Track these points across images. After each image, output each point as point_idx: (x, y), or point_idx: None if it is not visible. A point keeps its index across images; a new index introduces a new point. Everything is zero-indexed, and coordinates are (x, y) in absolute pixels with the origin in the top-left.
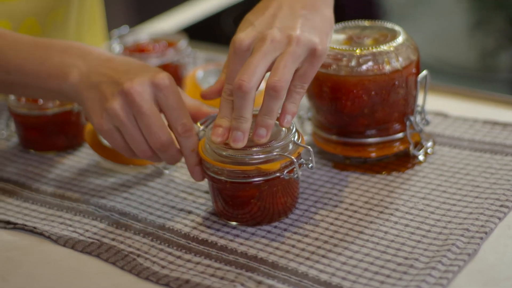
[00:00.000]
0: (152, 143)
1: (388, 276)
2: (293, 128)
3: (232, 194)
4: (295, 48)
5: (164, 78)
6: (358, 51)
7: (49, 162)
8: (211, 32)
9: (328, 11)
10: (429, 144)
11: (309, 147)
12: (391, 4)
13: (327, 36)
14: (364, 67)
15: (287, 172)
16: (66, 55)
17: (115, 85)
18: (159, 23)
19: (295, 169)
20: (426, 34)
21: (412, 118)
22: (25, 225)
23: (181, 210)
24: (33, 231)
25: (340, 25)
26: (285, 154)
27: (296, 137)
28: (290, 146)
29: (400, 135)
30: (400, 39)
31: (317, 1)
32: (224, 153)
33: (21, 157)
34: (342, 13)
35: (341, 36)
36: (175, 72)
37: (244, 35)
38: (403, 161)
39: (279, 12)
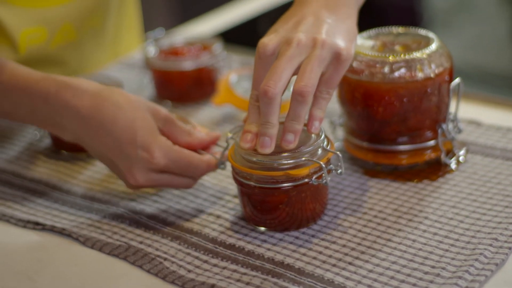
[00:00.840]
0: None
1: (414, 284)
2: (322, 134)
3: (261, 199)
4: (320, 52)
5: (159, 158)
6: (391, 57)
7: (80, 163)
8: (248, 36)
9: (352, 23)
10: (461, 152)
11: (338, 152)
12: (433, 10)
13: (351, 42)
14: (396, 74)
15: (315, 178)
16: (51, 110)
17: (120, 174)
18: (195, 27)
19: (323, 174)
20: (466, 41)
21: (444, 126)
22: (54, 227)
23: (210, 214)
24: (61, 233)
25: (374, 31)
26: (314, 159)
27: (325, 143)
28: (319, 152)
29: (432, 142)
30: (433, 46)
31: (341, 13)
32: (253, 159)
33: (53, 158)
34: (382, 19)
35: (375, 43)
36: (209, 75)
37: (268, 40)
38: (434, 169)
39: (303, 20)
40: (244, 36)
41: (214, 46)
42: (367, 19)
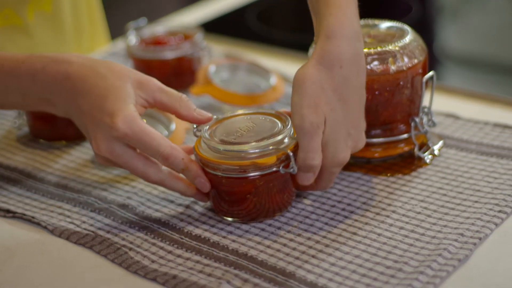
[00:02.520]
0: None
1: (375, 279)
2: (288, 123)
3: (228, 190)
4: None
5: (119, 124)
6: (364, 50)
7: (57, 152)
8: (230, 27)
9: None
10: (437, 146)
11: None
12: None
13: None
14: (369, 66)
15: (283, 167)
16: (40, 87)
17: (90, 143)
18: (179, 17)
19: (291, 163)
20: (474, 31)
21: (417, 119)
22: (24, 214)
23: (179, 205)
24: (31, 221)
25: None
26: (281, 147)
27: (291, 131)
28: (286, 140)
29: (405, 136)
30: (407, 39)
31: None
32: (220, 149)
33: (30, 146)
34: (386, 11)
35: None
36: (190, 65)
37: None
38: (407, 162)
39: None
40: (226, 27)
41: (195, 36)
42: (368, 10)
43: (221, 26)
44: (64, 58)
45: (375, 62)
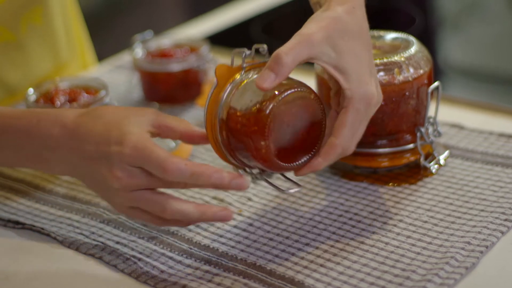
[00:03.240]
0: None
1: (383, 287)
2: None
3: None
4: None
5: (127, 146)
6: None
7: None
8: (238, 39)
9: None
10: (443, 156)
11: None
12: (442, 12)
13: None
14: None
15: None
16: (34, 143)
17: (104, 185)
18: (184, 30)
19: None
20: (475, 42)
21: (422, 129)
22: (33, 226)
23: None
24: (40, 232)
25: None
26: None
27: None
28: None
29: (411, 146)
30: (412, 50)
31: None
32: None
33: None
34: (390, 23)
35: None
36: (196, 77)
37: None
38: (413, 172)
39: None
40: (231, 39)
41: (201, 48)
42: (372, 21)
43: (226, 39)
44: (57, 111)
45: (381, 73)
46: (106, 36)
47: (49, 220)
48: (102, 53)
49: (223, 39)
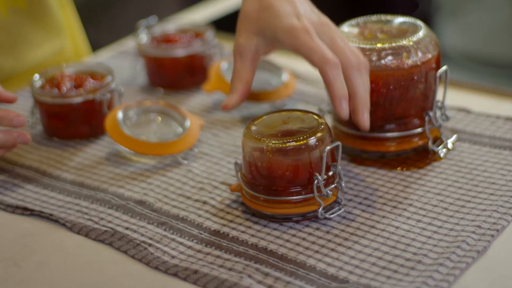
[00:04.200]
0: None
1: (395, 271)
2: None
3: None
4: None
5: None
6: (378, 45)
7: (71, 150)
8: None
9: None
10: (450, 140)
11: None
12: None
13: None
14: (383, 61)
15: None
16: None
17: None
18: (189, 15)
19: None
20: (473, 28)
21: (431, 113)
22: (42, 212)
23: (196, 200)
24: (49, 218)
25: (362, 19)
26: None
27: None
28: None
29: (419, 130)
30: (420, 34)
31: None
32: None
33: (44, 144)
34: (385, 7)
35: (363, 30)
36: (201, 62)
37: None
38: (422, 156)
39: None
40: (235, 24)
41: (206, 33)
42: (366, 7)
43: (230, 24)
44: None
45: (390, 57)
46: (110, 22)
47: (58, 206)
48: (106, 39)
49: (227, 24)
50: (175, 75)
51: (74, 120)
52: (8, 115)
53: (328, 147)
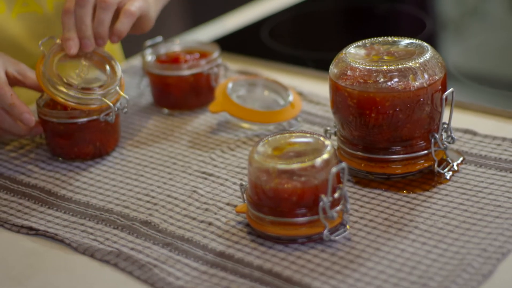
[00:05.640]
0: None
1: None
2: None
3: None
4: None
5: None
6: (384, 67)
7: (76, 170)
8: (245, 44)
9: None
10: (455, 162)
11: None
12: (443, 18)
13: None
14: (389, 83)
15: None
16: None
17: None
18: (194, 34)
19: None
20: (476, 48)
21: (437, 135)
22: (47, 232)
23: (202, 221)
24: (54, 238)
25: (368, 40)
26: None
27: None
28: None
29: (425, 152)
30: (427, 56)
31: None
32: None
33: (50, 164)
34: (388, 29)
35: (369, 52)
36: (207, 82)
37: None
38: (427, 178)
39: None
40: (241, 44)
41: (211, 53)
42: (373, 28)
43: (232, 43)
44: None
45: (396, 79)
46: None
47: (63, 226)
48: None
49: (231, 44)
50: (181, 94)
51: (78, 140)
52: (21, 108)
53: (334, 169)
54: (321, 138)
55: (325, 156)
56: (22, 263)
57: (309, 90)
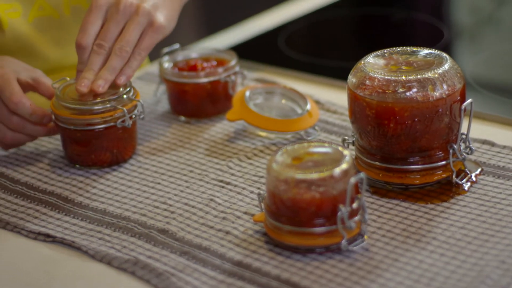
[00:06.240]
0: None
1: None
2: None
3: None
4: (140, 18)
5: None
6: (403, 77)
7: (93, 177)
8: (262, 51)
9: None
10: (474, 173)
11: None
12: (457, 27)
13: (171, 12)
14: (408, 93)
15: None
16: None
17: None
18: (211, 42)
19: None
20: (491, 57)
21: (455, 146)
22: (64, 239)
23: (219, 230)
24: (71, 245)
25: (387, 50)
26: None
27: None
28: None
29: (443, 162)
30: (446, 66)
31: None
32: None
33: (67, 171)
34: (404, 37)
35: (388, 62)
36: (224, 90)
37: None
38: (445, 189)
39: None
40: (259, 51)
41: (229, 61)
42: (390, 37)
43: (249, 51)
44: None
45: (415, 89)
46: None
47: (80, 234)
48: None
49: (248, 51)
50: (198, 102)
51: (96, 147)
52: (41, 114)
53: (353, 179)
54: (340, 148)
55: (344, 166)
56: (39, 270)
57: (326, 98)
